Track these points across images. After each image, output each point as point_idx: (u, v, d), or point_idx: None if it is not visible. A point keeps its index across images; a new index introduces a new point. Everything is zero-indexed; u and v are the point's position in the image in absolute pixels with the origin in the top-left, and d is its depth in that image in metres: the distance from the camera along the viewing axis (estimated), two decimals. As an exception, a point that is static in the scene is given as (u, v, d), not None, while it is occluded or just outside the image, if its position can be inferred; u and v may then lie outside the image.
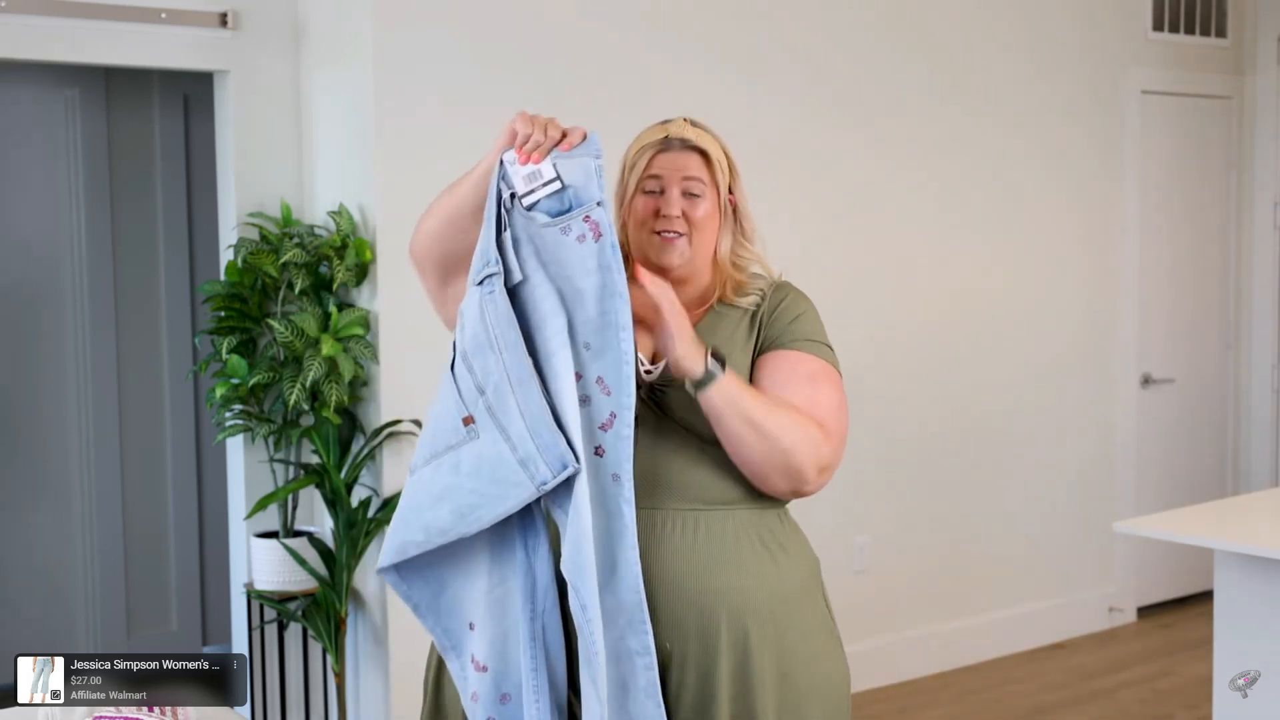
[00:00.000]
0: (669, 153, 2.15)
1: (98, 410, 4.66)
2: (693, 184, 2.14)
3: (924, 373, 4.87)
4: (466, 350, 1.98)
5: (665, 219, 2.13)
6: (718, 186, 2.16)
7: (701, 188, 2.15)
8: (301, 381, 3.68)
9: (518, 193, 1.98)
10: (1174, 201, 5.65)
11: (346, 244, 3.78)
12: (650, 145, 2.16)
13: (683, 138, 2.16)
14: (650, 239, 2.14)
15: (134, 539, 4.75)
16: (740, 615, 2.04)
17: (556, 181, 1.98)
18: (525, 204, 1.98)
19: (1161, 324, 5.63)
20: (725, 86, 4.36)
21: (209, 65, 3.93)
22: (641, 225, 2.15)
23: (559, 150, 1.99)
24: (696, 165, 2.15)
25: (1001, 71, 5.02)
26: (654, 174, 2.15)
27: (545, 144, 1.99)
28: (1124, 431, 5.49)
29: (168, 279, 4.75)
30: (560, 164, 1.99)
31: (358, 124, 3.86)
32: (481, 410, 1.96)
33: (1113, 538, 5.32)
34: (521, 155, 1.99)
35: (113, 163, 4.65)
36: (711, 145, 2.18)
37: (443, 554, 2.04)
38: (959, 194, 4.94)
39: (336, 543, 3.81)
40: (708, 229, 2.16)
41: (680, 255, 2.14)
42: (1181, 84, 5.60)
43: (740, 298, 2.19)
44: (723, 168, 2.17)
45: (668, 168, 2.14)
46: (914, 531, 4.86)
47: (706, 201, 2.15)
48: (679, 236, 2.13)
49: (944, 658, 4.94)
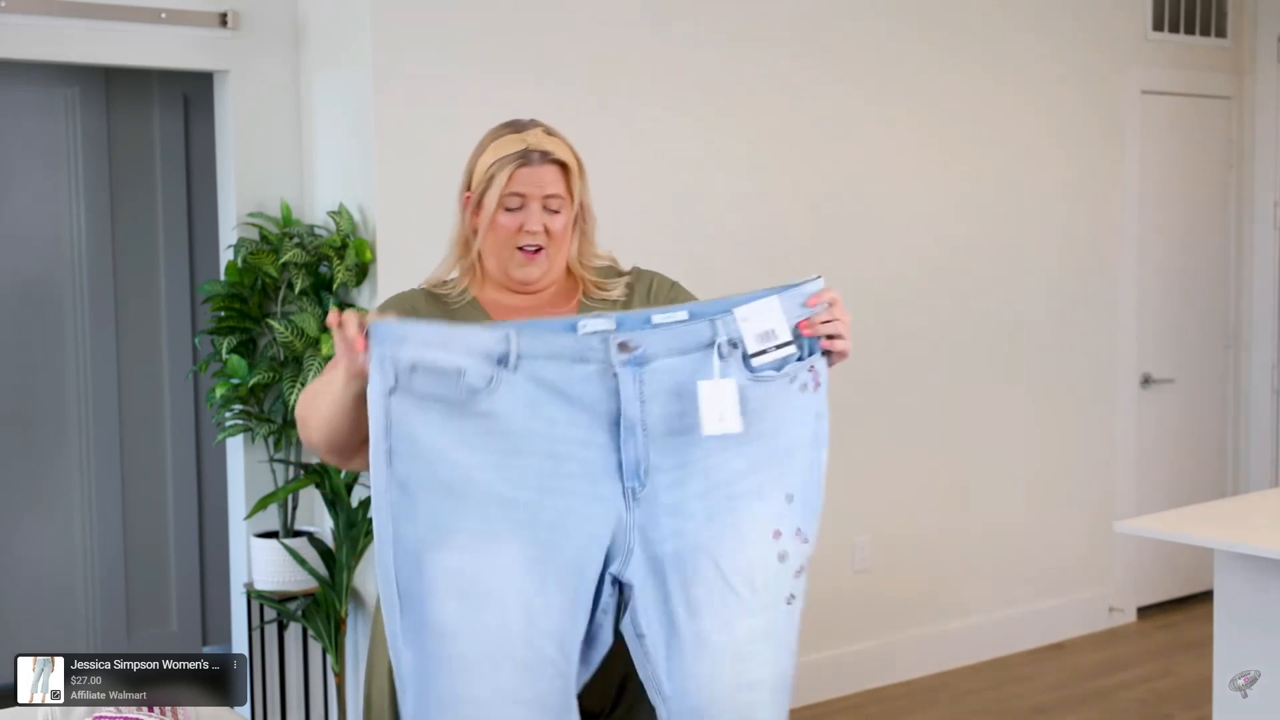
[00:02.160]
0: (529, 167, 2.16)
1: (98, 410, 4.66)
2: (553, 200, 2.17)
3: (924, 372, 4.87)
4: None
5: (529, 234, 2.16)
6: (573, 197, 2.20)
7: (560, 203, 2.18)
8: (301, 381, 3.68)
9: (748, 352, 1.89)
10: (1174, 201, 5.65)
11: (346, 244, 3.78)
12: (510, 159, 2.16)
13: (542, 149, 2.16)
14: (513, 255, 2.17)
15: (134, 539, 4.75)
16: None
17: (791, 345, 1.91)
18: (754, 365, 1.90)
19: (1161, 324, 5.63)
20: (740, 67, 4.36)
21: (209, 65, 3.93)
22: (504, 243, 2.17)
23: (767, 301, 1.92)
24: (555, 180, 2.17)
25: (1000, 71, 5.02)
26: (517, 191, 2.16)
27: None
28: (1124, 431, 5.49)
29: (168, 279, 4.75)
30: (788, 312, 1.91)
31: (358, 124, 3.86)
32: None
33: (1113, 537, 5.31)
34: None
35: (113, 163, 4.65)
36: (568, 156, 2.20)
37: None
38: (958, 198, 4.94)
39: (336, 543, 3.81)
40: (565, 239, 2.20)
41: (541, 269, 2.18)
42: (1181, 84, 5.60)
43: (606, 292, 2.23)
44: (578, 177, 2.21)
45: (530, 185, 2.16)
46: (914, 531, 4.86)
47: (564, 215, 2.19)
48: (539, 250, 2.17)
49: (944, 658, 4.94)
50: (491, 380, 1.85)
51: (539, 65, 4.02)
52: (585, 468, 1.87)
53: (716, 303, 1.91)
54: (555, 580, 1.87)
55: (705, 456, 1.90)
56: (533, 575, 1.86)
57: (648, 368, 1.87)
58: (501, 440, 1.86)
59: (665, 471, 1.89)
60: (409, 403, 1.85)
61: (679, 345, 1.88)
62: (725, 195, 4.37)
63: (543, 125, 2.22)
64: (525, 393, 1.85)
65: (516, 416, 1.85)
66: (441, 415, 1.85)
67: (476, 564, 1.86)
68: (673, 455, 1.89)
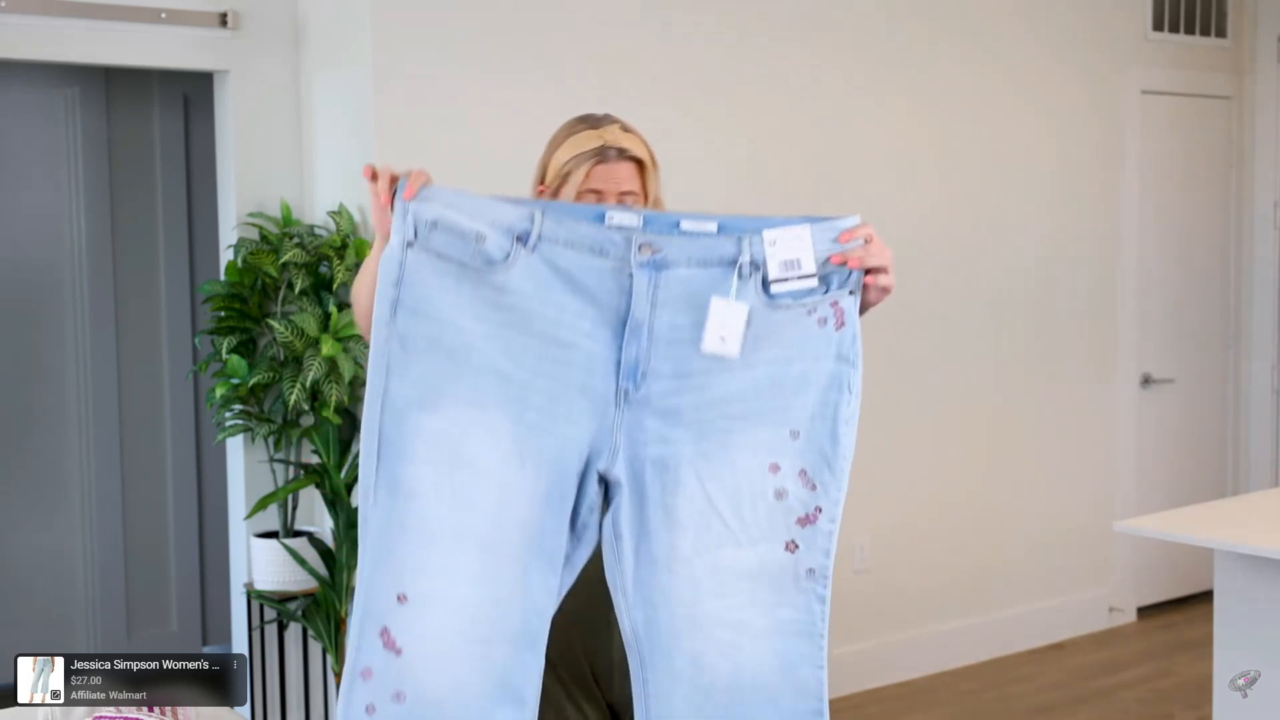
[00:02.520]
0: (606, 164, 2.16)
1: (98, 410, 4.66)
2: (628, 198, 2.17)
3: (923, 372, 4.87)
4: None
5: None
6: (647, 195, 2.20)
7: (635, 200, 2.18)
8: (301, 381, 3.69)
9: (769, 277, 1.86)
10: (1174, 201, 5.65)
11: (346, 244, 3.78)
12: (587, 155, 2.16)
13: (619, 146, 2.17)
14: None
15: (134, 539, 4.75)
16: None
17: (814, 279, 1.86)
18: (772, 291, 1.86)
19: (1161, 324, 5.63)
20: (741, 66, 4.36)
21: (209, 65, 3.93)
22: None
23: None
24: (631, 177, 2.17)
25: (1000, 70, 5.03)
26: (593, 189, 2.16)
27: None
28: (1124, 431, 5.49)
29: (167, 279, 4.75)
30: (818, 244, 1.86)
31: (358, 124, 3.86)
32: None
33: (1113, 537, 5.32)
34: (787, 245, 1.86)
35: (112, 163, 4.65)
36: (644, 152, 2.20)
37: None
38: (956, 196, 4.94)
39: (336, 543, 3.82)
40: None
41: None
42: (1181, 84, 5.60)
43: None
44: (654, 174, 2.21)
45: (607, 182, 2.16)
46: (914, 531, 4.87)
47: None
48: None
49: (944, 658, 4.94)
50: (509, 255, 1.84)
51: (539, 65, 4.03)
52: (585, 358, 1.85)
53: (749, 220, 1.87)
54: (534, 464, 1.84)
55: (705, 371, 1.87)
56: (512, 454, 1.84)
57: (665, 273, 1.86)
58: (508, 314, 1.84)
59: (663, 379, 1.87)
60: (424, 258, 1.84)
61: (701, 257, 1.86)
62: (725, 193, 4.37)
63: (619, 121, 2.21)
64: (539, 274, 1.85)
65: (526, 295, 1.84)
66: (455, 278, 1.84)
67: (459, 431, 1.84)
68: (673, 363, 1.87)
